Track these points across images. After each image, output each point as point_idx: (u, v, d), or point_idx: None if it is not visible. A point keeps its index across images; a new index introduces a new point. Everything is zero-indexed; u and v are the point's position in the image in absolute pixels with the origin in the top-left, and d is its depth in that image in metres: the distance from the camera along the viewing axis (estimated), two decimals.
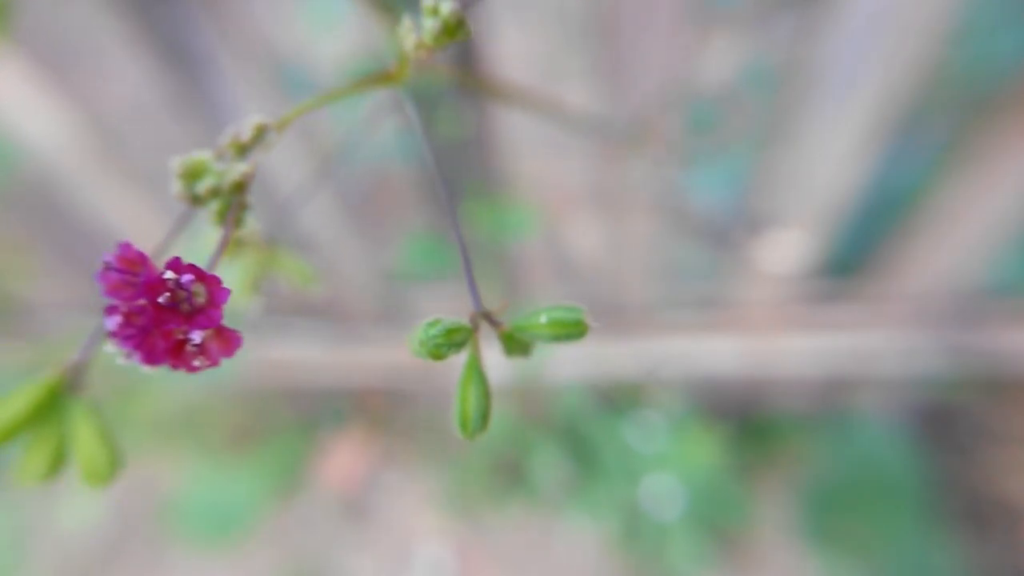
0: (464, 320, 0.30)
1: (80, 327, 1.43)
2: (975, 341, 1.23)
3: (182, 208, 0.33)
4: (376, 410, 1.68)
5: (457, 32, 0.31)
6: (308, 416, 1.69)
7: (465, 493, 1.55)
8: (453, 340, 0.29)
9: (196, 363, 0.26)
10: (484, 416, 0.31)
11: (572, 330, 0.31)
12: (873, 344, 1.28)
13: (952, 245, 1.10)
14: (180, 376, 1.31)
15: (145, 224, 1.22)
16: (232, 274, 0.43)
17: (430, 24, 0.30)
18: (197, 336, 0.26)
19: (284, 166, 1.11)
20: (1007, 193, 1.00)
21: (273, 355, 1.47)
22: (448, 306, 1.40)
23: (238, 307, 0.42)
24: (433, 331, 0.29)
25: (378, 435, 1.67)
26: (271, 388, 1.61)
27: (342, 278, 1.35)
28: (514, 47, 0.90)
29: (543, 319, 0.31)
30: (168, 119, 1.09)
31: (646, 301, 1.32)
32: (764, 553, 1.43)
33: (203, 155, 0.31)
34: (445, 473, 1.59)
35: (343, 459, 1.64)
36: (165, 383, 1.41)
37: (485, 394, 0.31)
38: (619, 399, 1.45)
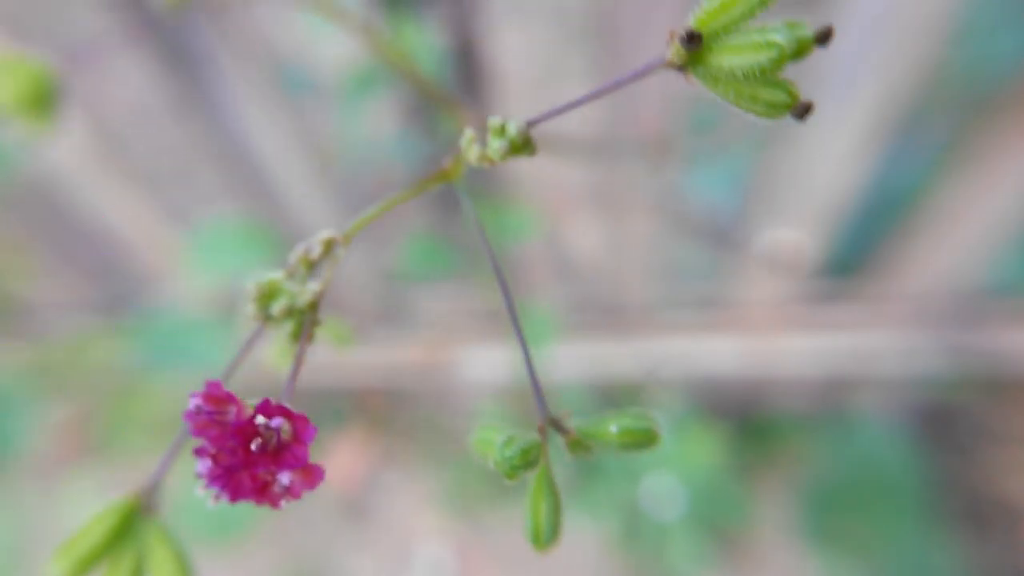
0: (535, 437, 0.30)
1: (80, 327, 1.43)
2: (975, 341, 1.23)
3: (185, 210, 0.33)
4: (376, 410, 1.68)
5: (523, 150, 0.31)
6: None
7: (465, 493, 1.55)
8: (528, 460, 0.29)
9: (282, 502, 0.26)
10: (555, 529, 0.31)
11: (642, 440, 0.31)
12: (873, 344, 1.28)
13: (952, 245, 1.10)
14: (180, 376, 1.31)
15: (145, 225, 1.22)
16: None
17: (497, 144, 0.31)
18: (286, 478, 0.26)
19: (284, 166, 1.11)
20: (1007, 193, 1.00)
21: (273, 355, 1.47)
22: (449, 306, 1.40)
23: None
24: (509, 452, 0.28)
25: (378, 435, 1.67)
26: (271, 388, 1.61)
27: (342, 278, 1.35)
28: (514, 47, 0.90)
29: (613, 429, 0.31)
30: (168, 120, 1.09)
31: (646, 301, 1.32)
32: (764, 553, 1.43)
33: (276, 276, 0.32)
34: (445, 473, 1.59)
35: (343, 459, 1.64)
36: (165, 382, 1.41)
37: (556, 507, 0.31)
38: (619, 399, 1.45)
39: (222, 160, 1.13)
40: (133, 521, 0.33)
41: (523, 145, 0.31)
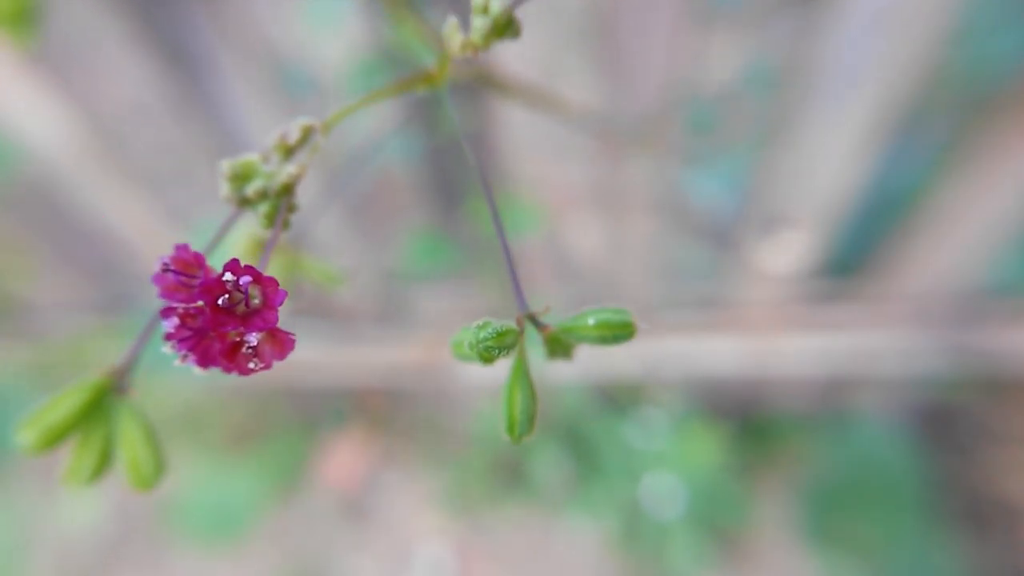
0: (511, 323, 0.30)
1: (80, 327, 1.43)
2: (975, 341, 1.23)
3: (185, 209, 0.32)
4: (376, 410, 1.68)
5: (506, 30, 0.30)
6: (308, 416, 1.69)
7: (465, 493, 1.55)
8: (504, 343, 0.29)
9: (250, 365, 0.26)
10: (530, 419, 0.30)
11: (620, 332, 0.31)
12: (873, 344, 1.28)
13: (952, 245, 1.10)
14: (179, 376, 1.31)
15: (145, 224, 1.22)
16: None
17: (480, 23, 0.30)
18: (253, 338, 0.25)
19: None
20: (1007, 193, 1.00)
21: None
22: (449, 306, 1.40)
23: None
24: (484, 334, 0.28)
25: (378, 435, 1.67)
26: (271, 388, 1.61)
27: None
28: (514, 46, 0.90)
29: (590, 321, 0.31)
30: (168, 119, 1.09)
31: (646, 301, 1.32)
32: (764, 553, 1.43)
33: (252, 157, 0.31)
34: (445, 473, 1.59)
35: (343, 459, 1.64)
36: (165, 383, 1.41)
37: (532, 396, 0.30)
38: (619, 398, 1.45)
39: (222, 159, 1.13)
40: (104, 399, 0.32)
41: (506, 24, 0.30)
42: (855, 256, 1.24)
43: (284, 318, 0.26)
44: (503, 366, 0.31)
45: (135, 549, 1.58)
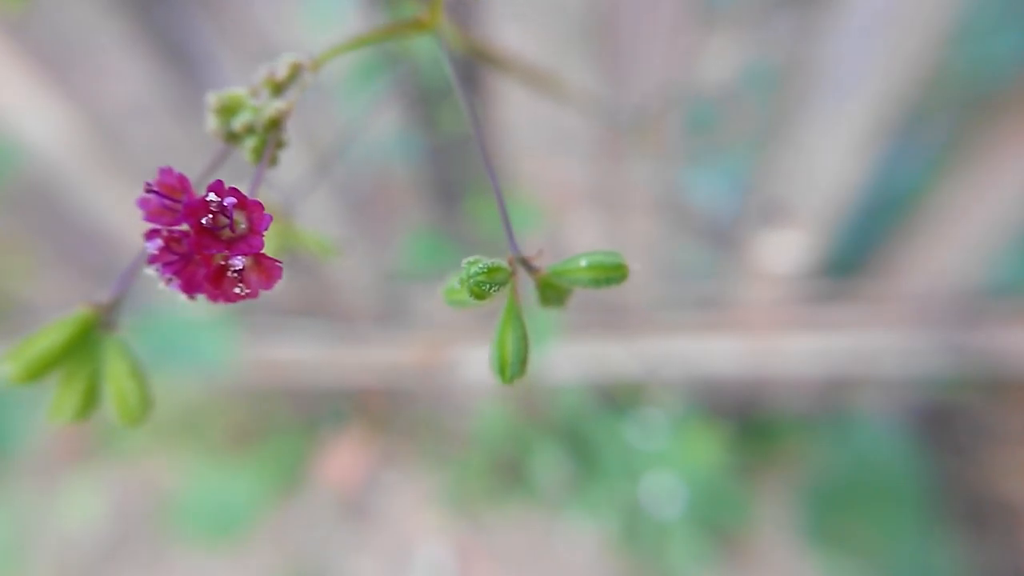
0: (501, 260, 0.30)
1: None
2: (975, 341, 1.23)
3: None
4: (376, 410, 1.68)
5: None
6: (308, 416, 1.69)
7: (465, 493, 1.55)
8: (495, 278, 0.29)
9: (236, 291, 0.25)
10: (522, 360, 0.30)
11: (613, 274, 0.30)
12: (873, 344, 1.28)
13: (952, 245, 1.10)
14: (180, 376, 1.31)
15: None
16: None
17: None
18: (238, 262, 0.25)
19: (284, 165, 1.11)
20: (1007, 193, 1.00)
21: (273, 355, 1.47)
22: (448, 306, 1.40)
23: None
24: (475, 269, 0.28)
25: (378, 435, 1.67)
26: (271, 388, 1.61)
27: (342, 278, 1.35)
28: (514, 43, 0.90)
29: (583, 263, 0.30)
30: (168, 119, 1.09)
31: (646, 301, 1.32)
32: (764, 553, 1.43)
33: (239, 91, 0.31)
34: (445, 473, 1.59)
35: (343, 459, 1.64)
36: (165, 382, 1.41)
37: (523, 337, 0.30)
38: (619, 398, 1.45)
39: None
40: (91, 334, 0.31)
41: None
42: (855, 256, 1.24)
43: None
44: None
45: (135, 549, 1.58)
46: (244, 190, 0.26)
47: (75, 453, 1.61)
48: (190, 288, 0.25)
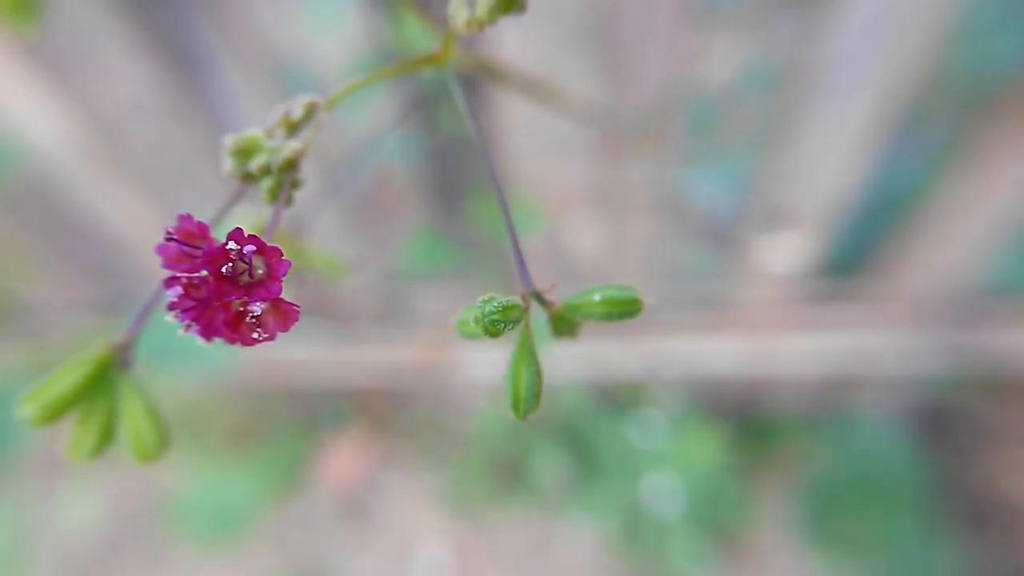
0: (516, 298, 0.30)
1: (80, 327, 1.43)
2: (975, 341, 1.23)
3: (185, 209, 0.32)
4: (376, 410, 1.68)
5: (512, 5, 0.30)
6: (308, 416, 1.69)
7: (465, 493, 1.55)
8: (509, 316, 0.29)
9: (254, 335, 0.26)
10: (536, 396, 0.30)
11: (626, 309, 0.31)
12: (873, 344, 1.28)
13: (952, 245, 1.10)
14: (180, 375, 1.31)
15: (145, 224, 1.22)
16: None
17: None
18: (257, 308, 0.25)
19: None
20: (1007, 193, 1.00)
21: (273, 355, 1.47)
22: (449, 306, 1.40)
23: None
24: (490, 307, 0.28)
25: (378, 435, 1.67)
26: (271, 388, 1.61)
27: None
28: (514, 47, 0.90)
29: (596, 297, 0.31)
30: (168, 119, 1.09)
31: (646, 301, 1.32)
32: (764, 553, 1.43)
33: (255, 132, 0.31)
34: (445, 473, 1.59)
35: (343, 459, 1.64)
36: (165, 382, 1.41)
37: (537, 373, 0.30)
38: (619, 398, 1.45)
39: (221, 159, 1.13)
40: (107, 374, 0.32)
41: (511, 0, 0.30)
42: (855, 256, 1.24)
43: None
44: (501, 367, 0.31)
45: (135, 549, 1.58)
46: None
47: None
48: (208, 333, 0.26)
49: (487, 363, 1.41)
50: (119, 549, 1.58)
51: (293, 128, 0.32)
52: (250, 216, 0.42)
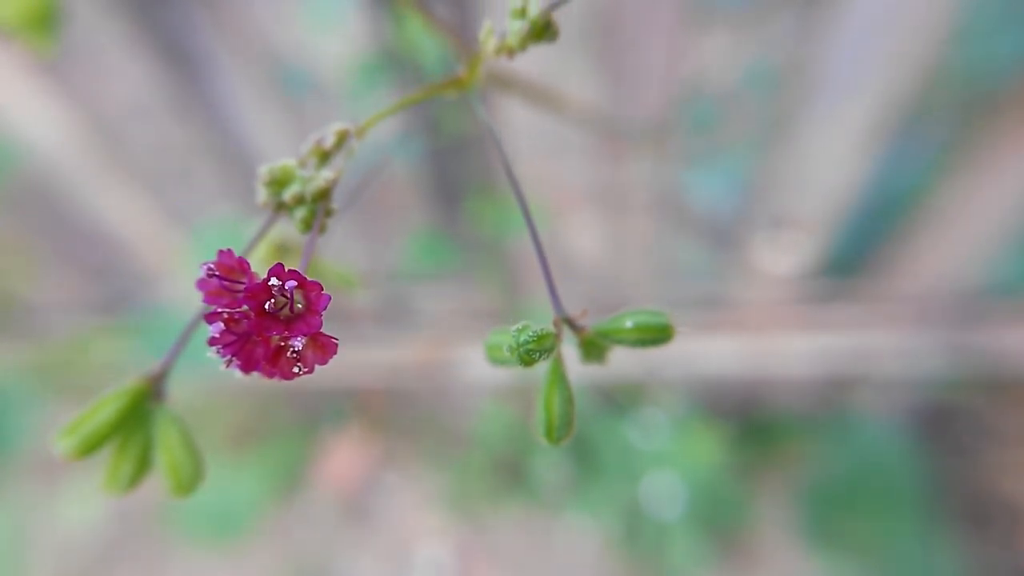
0: (549, 326, 0.30)
1: (80, 327, 1.43)
2: (975, 341, 1.23)
3: (185, 209, 0.32)
4: (376, 410, 1.68)
5: (544, 33, 0.30)
6: (308, 416, 1.69)
7: (465, 493, 1.55)
8: (544, 345, 0.29)
9: (294, 370, 0.26)
10: (568, 423, 0.30)
11: (658, 335, 0.31)
12: (873, 344, 1.28)
13: (952, 245, 1.10)
14: (180, 376, 1.31)
15: (145, 224, 1.22)
16: None
17: (517, 26, 0.30)
18: (298, 342, 0.25)
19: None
20: (1007, 193, 1.00)
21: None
22: (449, 306, 1.40)
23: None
24: (524, 337, 0.28)
25: (378, 435, 1.67)
26: (271, 388, 1.61)
27: None
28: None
29: (628, 324, 0.31)
30: (168, 119, 1.09)
31: (646, 301, 1.32)
32: (764, 553, 1.43)
33: (289, 163, 0.31)
34: (445, 473, 1.59)
35: (343, 459, 1.64)
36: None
37: (569, 400, 0.30)
38: (619, 398, 1.45)
39: (222, 160, 1.13)
40: (142, 405, 0.32)
41: (544, 27, 0.30)
42: (855, 256, 1.24)
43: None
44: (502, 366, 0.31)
45: (135, 549, 1.58)
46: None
47: None
48: (249, 367, 0.26)
49: (487, 363, 1.41)
50: (119, 549, 1.58)
51: (325, 157, 0.32)
52: (266, 238, 0.42)
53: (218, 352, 0.25)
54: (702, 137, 1.13)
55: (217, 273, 0.25)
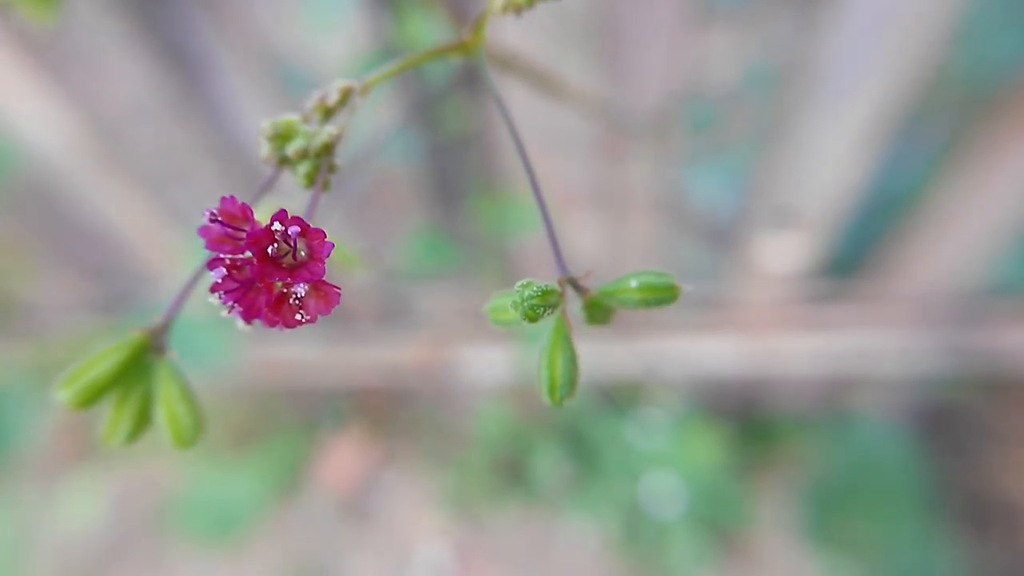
0: (553, 283, 0.30)
1: (80, 327, 1.43)
2: (975, 341, 1.23)
3: (185, 209, 0.32)
4: (376, 410, 1.68)
5: None
6: (308, 416, 1.69)
7: (465, 493, 1.55)
8: (548, 301, 0.29)
9: (296, 317, 0.26)
10: (572, 382, 0.30)
11: (663, 295, 0.30)
12: (873, 344, 1.28)
13: (952, 245, 1.10)
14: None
15: (145, 224, 1.22)
16: None
17: None
18: (300, 289, 0.25)
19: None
20: (1007, 193, 1.00)
21: (274, 355, 1.47)
22: (449, 306, 1.40)
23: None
24: (529, 292, 0.28)
25: (378, 435, 1.67)
26: (272, 388, 1.61)
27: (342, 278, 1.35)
28: (515, 45, 0.90)
29: (633, 284, 0.31)
30: (168, 119, 1.09)
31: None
32: (764, 553, 1.43)
33: (292, 118, 0.31)
34: (445, 473, 1.59)
35: (343, 459, 1.64)
36: None
37: (573, 359, 0.30)
38: (619, 398, 1.45)
39: (222, 160, 1.13)
40: (142, 358, 0.32)
41: None
42: (855, 256, 1.24)
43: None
44: (501, 367, 0.31)
45: (135, 549, 1.58)
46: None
47: (75, 453, 1.61)
48: (250, 315, 0.26)
49: (487, 363, 1.41)
50: (120, 549, 1.58)
51: (328, 113, 0.32)
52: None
53: (220, 299, 0.25)
54: (702, 137, 1.13)
55: (220, 219, 0.25)
